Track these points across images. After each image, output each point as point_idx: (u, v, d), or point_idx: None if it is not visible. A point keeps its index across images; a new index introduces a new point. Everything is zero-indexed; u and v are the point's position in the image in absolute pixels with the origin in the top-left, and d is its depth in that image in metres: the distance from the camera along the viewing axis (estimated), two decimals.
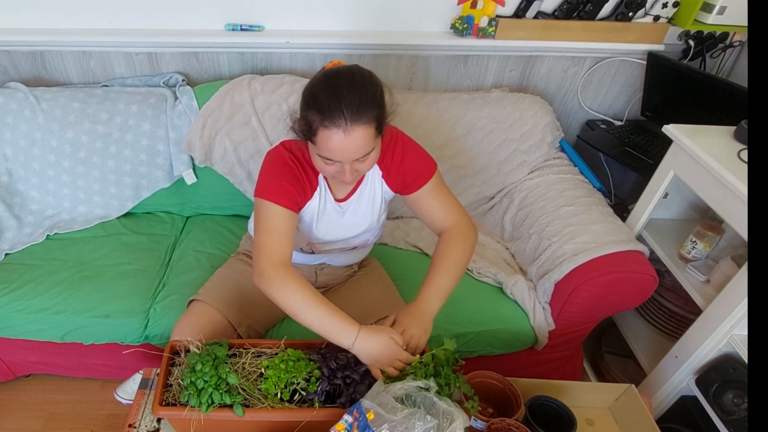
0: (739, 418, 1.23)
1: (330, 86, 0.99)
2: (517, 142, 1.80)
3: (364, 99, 0.98)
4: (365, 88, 0.99)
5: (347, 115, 0.96)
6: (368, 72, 1.03)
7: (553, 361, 1.66)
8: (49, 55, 1.80)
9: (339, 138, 0.97)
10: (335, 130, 0.97)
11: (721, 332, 1.27)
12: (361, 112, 0.97)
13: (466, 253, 1.19)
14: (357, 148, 1.00)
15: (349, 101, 0.96)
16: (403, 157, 1.19)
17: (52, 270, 1.59)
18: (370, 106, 0.98)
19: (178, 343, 1.08)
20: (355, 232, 1.29)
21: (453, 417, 0.91)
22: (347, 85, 0.98)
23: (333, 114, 0.96)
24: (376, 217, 1.28)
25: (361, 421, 0.90)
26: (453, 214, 1.23)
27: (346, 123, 0.96)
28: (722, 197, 1.24)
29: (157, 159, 1.78)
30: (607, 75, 1.97)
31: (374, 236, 1.36)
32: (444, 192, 1.24)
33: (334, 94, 0.97)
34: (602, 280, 1.40)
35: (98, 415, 1.72)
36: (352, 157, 1.01)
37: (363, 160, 1.04)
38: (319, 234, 1.26)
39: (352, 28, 1.81)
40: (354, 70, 1.02)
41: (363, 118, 0.97)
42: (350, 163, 1.03)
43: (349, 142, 0.98)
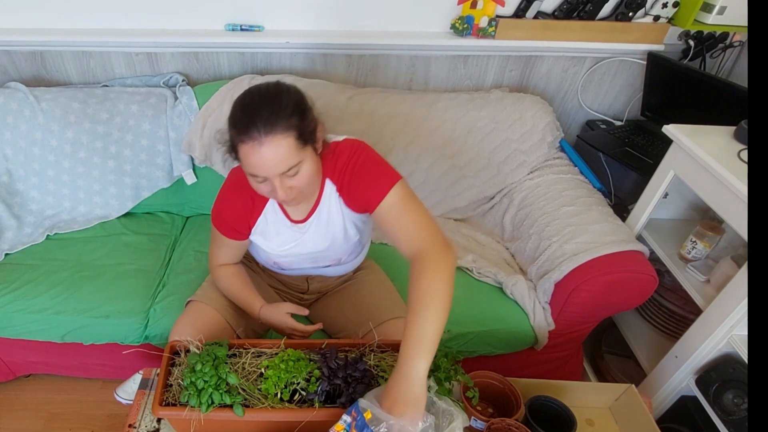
0: (739, 418, 1.23)
1: (244, 103, 1.00)
2: (517, 142, 1.80)
3: (277, 109, 0.97)
4: (278, 99, 0.98)
5: (260, 125, 0.95)
6: (288, 85, 1.03)
7: (553, 361, 1.66)
8: (49, 55, 1.80)
9: (256, 150, 0.96)
10: (251, 143, 0.96)
11: (721, 332, 1.27)
12: (274, 122, 0.95)
13: (442, 284, 0.99)
14: (277, 159, 0.97)
15: (261, 112, 0.96)
16: (354, 174, 1.11)
17: (52, 270, 1.59)
18: (284, 115, 0.96)
19: (178, 343, 1.08)
20: (318, 251, 1.26)
21: (453, 416, 0.91)
22: (260, 99, 0.99)
23: (247, 127, 0.96)
24: (340, 236, 1.22)
25: (359, 421, 0.90)
26: (418, 235, 1.05)
27: (260, 134, 0.95)
28: (722, 197, 1.24)
29: (157, 159, 1.78)
30: (607, 75, 1.97)
31: (350, 255, 1.32)
32: (408, 208, 1.09)
33: (246, 108, 0.98)
34: (602, 280, 1.40)
35: (98, 415, 1.72)
36: (277, 170, 0.98)
37: (292, 174, 1.00)
38: (279, 254, 1.26)
39: (352, 28, 1.81)
40: (269, 84, 1.02)
41: (278, 128, 0.96)
42: (279, 179, 1.00)
43: (267, 154, 0.96)
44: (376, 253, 1.62)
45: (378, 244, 1.75)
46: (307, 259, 1.30)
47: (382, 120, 1.77)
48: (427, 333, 0.94)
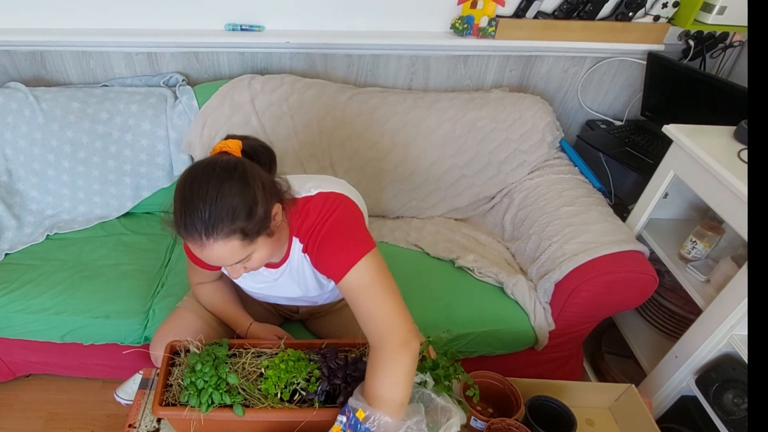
0: (739, 418, 1.23)
1: (183, 195, 0.89)
2: (517, 142, 1.80)
3: (220, 212, 0.86)
4: (222, 199, 0.86)
5: (200, 228, 0.86)
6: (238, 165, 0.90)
7: (553, 361, 1.66)
8: (49, 55, 1.80)
9: (199, 250, 0.90)
10: (192, 242, 0.89)
11: (721, 332, 1.27)
12: (215, 227, 0.86)
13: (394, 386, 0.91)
14: (222, 258, 0.91)
15: (201, 216, 0.86)
16: (320, 240, 1.01)
17: (52, 270, 1.59)
18: (226, 221, 0.86)
19: (178, 343, 1.09)
20: (291, 297, 1.24)
21: (451, 413, 0.91)
22: (200, 195, 0.87)
23: (187, 228, 0.88)
24: (312, 286, 1.17)
25: (351, 420, 0.90)
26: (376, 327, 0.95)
27: (201, 238, 0.87)
28: (722, 197, 1.24)
29: (157, 159, 1.78)
30: (607, 75, 1.97)
31: (328, 299, 1.29)
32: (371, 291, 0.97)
33: (186, 206, 0.88)
34: (602, 280, 1.40)
35: (98, 415, 1.72)
36: (225, 263, 0.93)
37: (245, 261, 0.94)
38: (256, 293, 1.26)
39: (352, 28, 1.81)
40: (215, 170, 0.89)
41: (220, 233, 0.87)
42: (230, 267, 0.96)
43: (210, 255, 0.90)
44: None
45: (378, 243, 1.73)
46: (282, 299, 1.28)
47: (382, 120, 1.77)
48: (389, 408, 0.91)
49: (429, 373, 1.00)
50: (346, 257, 0.97)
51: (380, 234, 1.78)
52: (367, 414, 0.89)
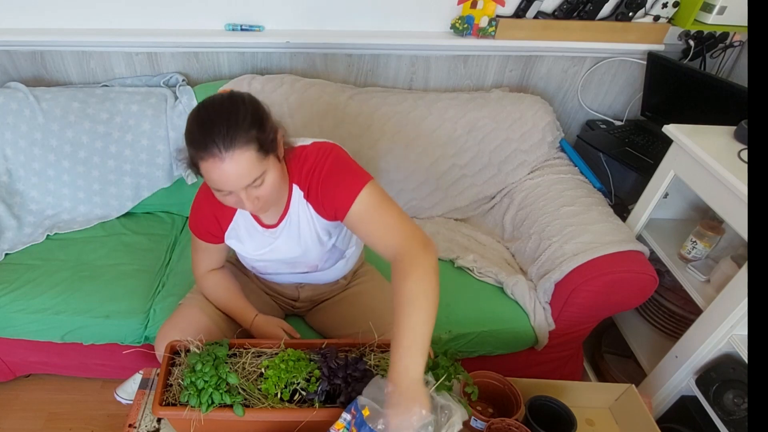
0: (739, 418, 1.23)
1: (200, 119, 0.97)
2: (518, 142, 1.80)
3: (235, 122, 0.94)
4: (235, 112, 0.95)
5: (219, 142, 0.92)
6: (243, 95, 0.99)
7: (553, 361, 1.66)
8: (49, 55, 1.80)
9: (217, 166, 0.94)
10: (212, 160, 0.94)
11: (721, 332, 1.27)
12: (233, 137, 0.93)
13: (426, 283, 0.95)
14: (240, 174, 0.95)
15: (219, 128, 0.93)
16: (322, 178, 1.07)
17: (52, 270, 1.59)
18: (242, 129, 0.94)
19: (178, 343, 1.09)
20: (292, 257, 1.24)
21: (451, 411, 0.91)
22: (216, 113, 0.95)
23: (205, 143, 0.93)
24: (313, 242, 1.19)
25: (357, 418, 0.90)
26: (394, 238, 1.02)
27: (221, 151, 0.92)
28: (722, 197, 1.24)
29: (157, 159, 1.78)
30: (607, 75, 1.97)
31: (327, 261, 1.29)
32: (380, 211, 1.05)
33: (203, 126, 0.95)
34: (602, 280, 1.40)
35: (98, 415, 1.72)
36: (240, 184, 0.97)
37: (257, 185, 0.98)
38: (254, 258, 1.26)
39: (352, 28, 1.81)
40: (223, 97, 0.99)
41: (238, 142, 0.93)
42: (244, 191, 0.98)
43: (230, 170, 0.94)
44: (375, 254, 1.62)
45: None
46: (283, 265, 1.28)
47: (382, 120, 1.77)
48: (417, 335, 0.91)
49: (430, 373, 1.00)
50: (350, 187, 1.04)
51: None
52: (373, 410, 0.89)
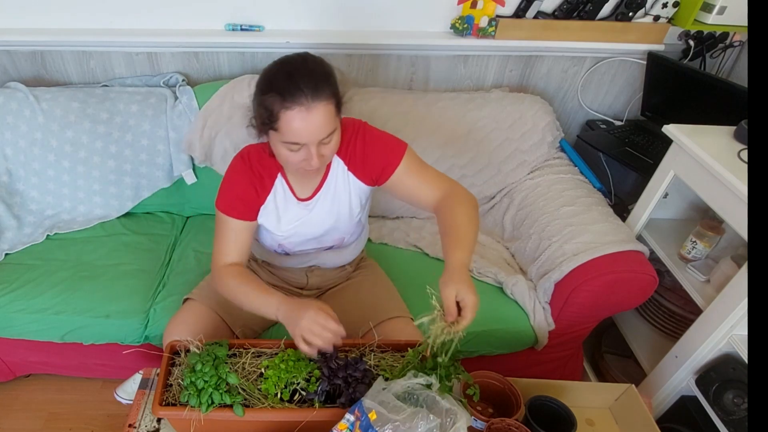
0: (739, 418, 1.23)
1: (285, 69, 1.01)
2: (517, 142, 1.80)
3: (321, 76, 1.00)
4: (320, 66, 1.02)
5: (307, 92, 0.97)
6: (318, 56, 1.05)
7: (553, 361, 1.66)
8: (49, 55, 1.80)
9: (302, 116, 0.98)
10: (297, 109, 0.97)
11: (721, 332, 1.27)
12: (319, 89, 0.98)
13: (471, 213, 1.11)
14: (321, 125, 1.00)
15: (306, 79, 0.98)
16: (365, 147, 1.18)
17: (52, 270, 1.59)
18: (327, 83, 1.00)
19: (178, 343, 1.08)
20: (324, 229, 1.27)
21: (456, 416, 0.91)
22: (301, 66, 1.01)
23: (293, 93, 0.97)
24: (346, 213, 1.26)
25: (363, 421, 0.90)
26: (439, 185, 1.18)
27: (307, 99, 0.97)
28: (722, 197, 1.24)
29: (157, 159, 1.78)
30: (607, 75, 1.97)
31: (352, 235, 1.34)
32: (421, 168, 1.19)
33: (290, 75, 0.99)
34: (602, 280, 1.40)
35: (98, 415, 1.72)
36: (318, 136, 1.01)
37: (327, 141, 1.04)
38: (285, 234, 1.26)
39: (352, 27, 1.81)
40: (304, 54, 1.05)
41: (322, 95, 0.99)
42: (316, 146, 1.03)
43: (313, 119, 0.99)
44: (376, 253, 1.63)
45: (378, 244, 1.75)
46: (312, 240, 1.30)
47: (382, 120, 1.77)
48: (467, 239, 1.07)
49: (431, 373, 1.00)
50: (393, 151, 1.17)
51: (380, 234, 1.78)
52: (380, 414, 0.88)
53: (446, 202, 1.15)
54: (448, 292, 0.98)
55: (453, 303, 0.98)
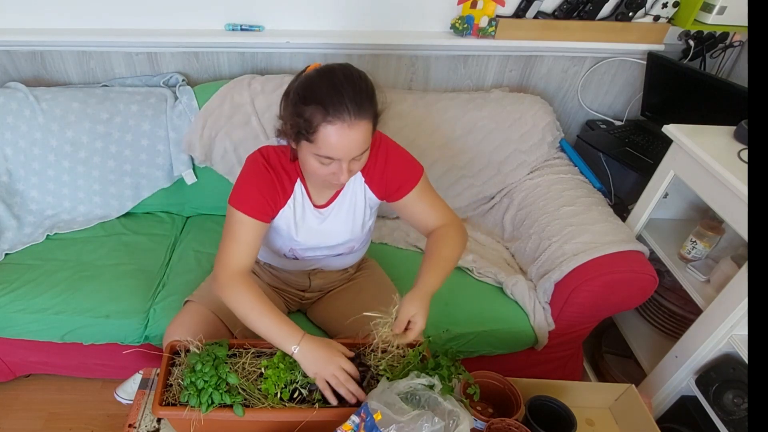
0: (739, 418, 1.23)
1: (330, 81, 0.97)
2: (517, 142, 1.80)
3: (365, 94, 0.98)
4: (365, 83, 0.99)
5: (351, 108, 0.95)
6: (361, 70, 1.02)
7: (553, 361, 1.66)
8: (49, 55, 1.80)
9: (343, 132, 0.96)
10: (339, 125, 0.95)
11: (721, 332, 1.27)
12: (363, 107, 0.96)
13: (456, 249, 1.18)
14: (358, 143, 0.99)
15: (351, 96, 0.95)
16: (386, 164, 1.18)
17: (52, 270, 1.59)
18: (370, 101, 0.99)
19: (178, 343, 1.08)
20: (337, 239, 1.27)
21: (459, 418, 0.91)
22: (347, 80, 0.97)
23: (337, 108, 0.94)
24: (359, 223, 1.26)
25: (368, 422, 0.90)
26: (441, 216, 1.22)
27: (351, 117, 0.95)
28: (722, 197, 1.24)
29: (157, 159, 1.78)
30: (607, 75, 1.97)
31: (361, 243, 1.34)
32: (431, 195, 1.23)
33: (335, 89, 0.96)
34: (602, 280, 1.40)
35: (98, 415, 1.72)
36: (354, 153, 1.00)
37: (359, 158, 1.04)
38: (299, 240, 1.24)
39: (352, 27, 1.81)
40: (349, 67, 1.01)
41: (365, 113, 0.97)
42: (348, 162, 1.02)
43: (352, 137, 0.97)
44: (376, 253, 1.63)
45: (378, 244, 1.75)
46: (325, 248, 1.29)
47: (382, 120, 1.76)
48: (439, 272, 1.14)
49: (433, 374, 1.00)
50: (413, 175, 1.20)
51: (380, 234, 1.78)
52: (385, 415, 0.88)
53: (440, 231, 1.20)
54: (406, 309, 1.06)
55: (406, 320, 1.06)
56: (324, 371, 1.00)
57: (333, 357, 1.02)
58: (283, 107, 1.05)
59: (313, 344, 1.03)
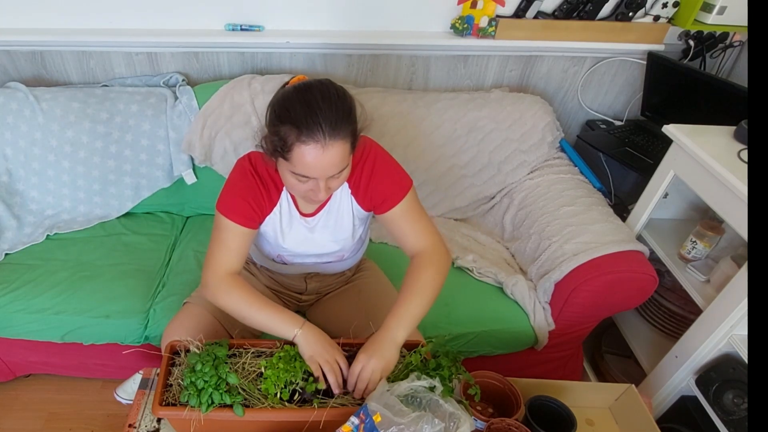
0: (739, 418, 1.23)
1: (305, 99, 0.95)
2: (517, 142, 1.80)
3: (341, 113, 0.95)
4: (342, 102, 0.96)
5: (325, 129, 0.92)
6: (340, 87, 1.00)
7: (553, 361, 1.66)
8: (49, 55, 1.80)
9: (317, 153, 0.94)
10: (313, 145, 0.93)
11: (721, 332, 1.27)
12: (338, 127, 0.94)
13: (436, 279, 1.11)
14: (333, 163, 0.97)
15: (326, 115, 0.93)
16: (371, 177, 1.14)
17: (52, 270, 1.59)
18: (346, 121, 0.96)
19: (178, 343, 1.08)
20: (326, 248, 1.26)
21: (460, 420, 0.91)
22: (323, 99, 0.94)
23: (311, 128, 0.92)
24: (348, 234, 1.24)
25: (367, 424, 0.90)
26: (424, 238, 1.16)
27: (325, 138, 0.93)
28: (722, 197, 1.24)
29: (157, 159, 1.78)
30: (607, 75, 1.97)
31: (351, 252, 1.33)
32: (416, 214, 1.17)
33: (310, 108, 0.93)
34: (602, 280, 1.40)
35: (98, 415, 1.72)
36: (328, 173, 0.98)
37: (337, 176, 1.02)
38: (287, 247, 1.24)
39: (352, 28, 1.81)
40: (327, 84, 0.98)
41: (340, 134, 0.94)
42: (325, 180, 1.00)
43: (327, 158, 0.95)
44: (376, 253, 1.62)
45: (378, 244, 1.75)
46: (312, 255, 1.29)
47: (382, 120, 1.77)
48: (413, 312, 1.08)
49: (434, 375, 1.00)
50: (398, 190, 1.14)
51: (379, 234, 1.78)
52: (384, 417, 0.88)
53: (419, 260, 1.14)
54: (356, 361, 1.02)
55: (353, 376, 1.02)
56: (320, 356, 1.03)
57: (332, 347, 1.06)
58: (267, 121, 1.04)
59: (315, 330, 1.07)
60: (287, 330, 1.06)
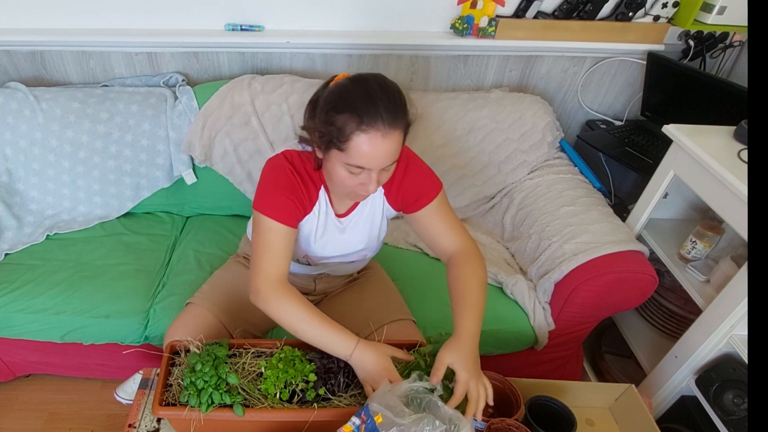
0: (739, 418, 1.23)
1: (365, 89, 0.96)
2: (517, 142, 1.80)
3: (399, 104, 0.96)
4: (398, 94, 0.98)
5: (385, 117, 0.93)
6: (393, 81, 1.00)
7: (553, 361, 1.66)
8: (49, 55, 1.80)
9: (377, 142, 0.94)
10: (373, 134, 0.93)
11: (721, 332, 1.27)
12: (396, 117, 0.95)
13: (482, 273, 1.13)
14: (390, 153, 0.97)
15: (386, 105, 0.94)
16: (405, 175, 1.15)
17: (52, 270, 1.59)
18: (403, 112, 0.97)
19: (178, 343, 1.08)
20: (353, 248, 1.26)
21: (460, 423, 0.91)
22: (381, 90, 0.96)
23: (372, 116, 0.93)
24: (375, 233, 1.25)
25: (368, 424, 0.90)
26: (459, 238, 1.18)
27: (385, 126, 0.93)
28: (722, 197, 1.24)
29: (157, 159, 1.78)
30: (607, 75, 1.97)
31: (373, 251, 1.34)
32: (449, 214, 1.19)
33: (370, 97, 0.94)
34: (602, 280, 1.40)
35: (98, 415, 1.72)
36: (385, 163, 0.98)
37: (388, 169, 1.02)
38: (317, 248, 1.23)
39: (352, 28, 1.81)
40: (382, 77, 0.99)
41: (398, 124, 0.96)
42: (378, 172, 0.99)
43: (385, 147, 0.95)
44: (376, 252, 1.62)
45: None
46: (338, 255, 1.28)
47: None
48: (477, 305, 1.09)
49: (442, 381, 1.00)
50: (431, 189, 1.16)
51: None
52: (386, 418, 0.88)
53: (459, 259, 1.15)
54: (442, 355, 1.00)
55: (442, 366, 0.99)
56: (373, 382, 1.01)
57: (385, 369, 1.01)
58: (309, 116, 1.04)
59: (366, 354, 1.02)
60: (342, 350, 1.03)
